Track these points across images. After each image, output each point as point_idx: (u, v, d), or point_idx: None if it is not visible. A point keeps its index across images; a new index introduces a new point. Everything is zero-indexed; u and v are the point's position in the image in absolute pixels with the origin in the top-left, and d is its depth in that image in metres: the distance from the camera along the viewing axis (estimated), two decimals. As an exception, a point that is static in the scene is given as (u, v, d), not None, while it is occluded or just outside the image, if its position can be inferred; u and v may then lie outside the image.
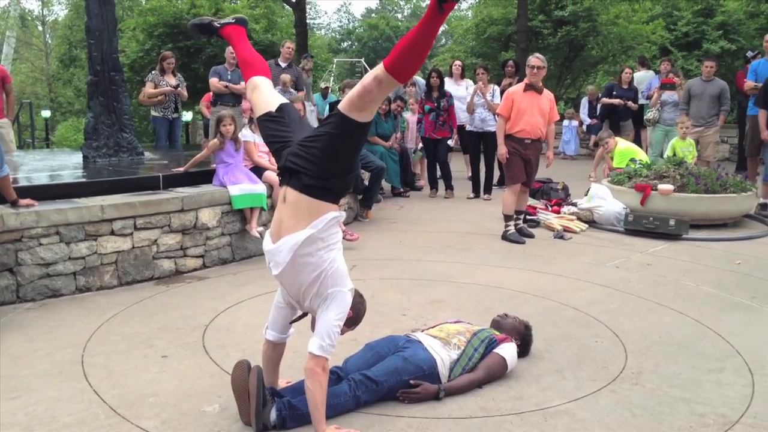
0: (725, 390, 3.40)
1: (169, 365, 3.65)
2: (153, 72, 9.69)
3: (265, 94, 3.18)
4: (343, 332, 2.97)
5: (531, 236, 6.89)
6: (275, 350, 3.22)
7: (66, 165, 6.90)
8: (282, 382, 3.29)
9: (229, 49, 9.95)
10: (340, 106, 2.76)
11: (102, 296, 4.87)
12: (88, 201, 5.06)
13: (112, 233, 5.03)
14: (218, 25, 3.50)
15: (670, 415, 3.13)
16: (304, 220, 2.78)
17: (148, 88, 9.45)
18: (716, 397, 3.31)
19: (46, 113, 20.00)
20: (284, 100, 3.18)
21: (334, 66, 23.94)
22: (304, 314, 3.12)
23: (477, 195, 9.38)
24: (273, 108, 3.09)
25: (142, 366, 3.63)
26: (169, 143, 9.56)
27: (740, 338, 4.10)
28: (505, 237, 6.78)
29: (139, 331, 4.14)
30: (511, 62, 10.65)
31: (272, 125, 3.06)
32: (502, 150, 6.71)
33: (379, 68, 2.66)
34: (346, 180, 2.90)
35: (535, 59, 6.63)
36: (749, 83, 9.21)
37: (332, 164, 2.78)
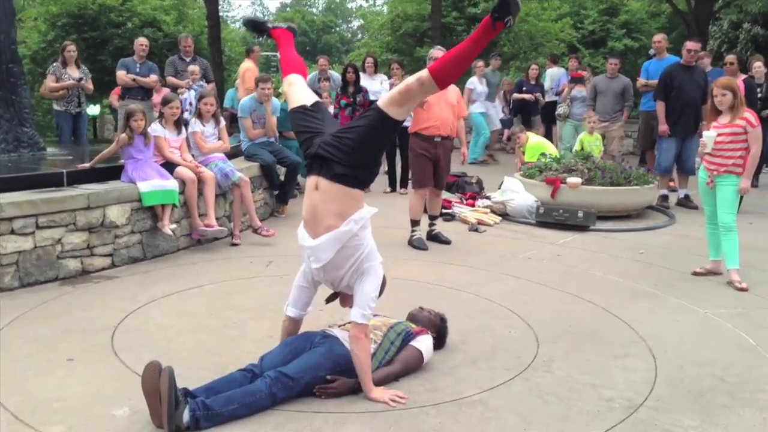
0: (630, 375, 3.54)
1: (76, 369, 3.50)
2: (54, 64, 9.18)
3: (300, 90, 3.51)
4: None
5: (447, 242, 6.46)
6: (295, 325, 3.55)
7: (-39, 161, 6.52)
8: None
9: (139, 41, 9.63)
10: (378, 103, 3.11)
11: (2, 299, 4.61)
12: (-14, 199, 4.79)
13: (12, 232, 4.77)
14: (270, 26, 3.88)
15: (579, 400, 3.24)
16: (336, 205, 3.11)
17: (50, 82, 8.99)
18: (622, 382, 3.45)
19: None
20: (318, 98, 3.52)
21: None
22: (336, 294, 3.54)
23: (393, 189, 9.43)
24: (308, 102, 3.41)
25: (46, 370, 3.47)
26: (74, 138, 9.14)
27: (644, 325, 4.29)
28: (410, 243, 6.33)
29: (43, 335, 3.95)
30: (396, 64, 10.69)
31: (306, 117, 3.36)
32: None
33: (424, 72, 3.03)
34: (372, 171, 3.29)
35: (438, 51, 6.29)
36: (641, 81, 9.64)
37: (362, 155, 3.10)
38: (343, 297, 3.54)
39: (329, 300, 3.64)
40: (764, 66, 9.35)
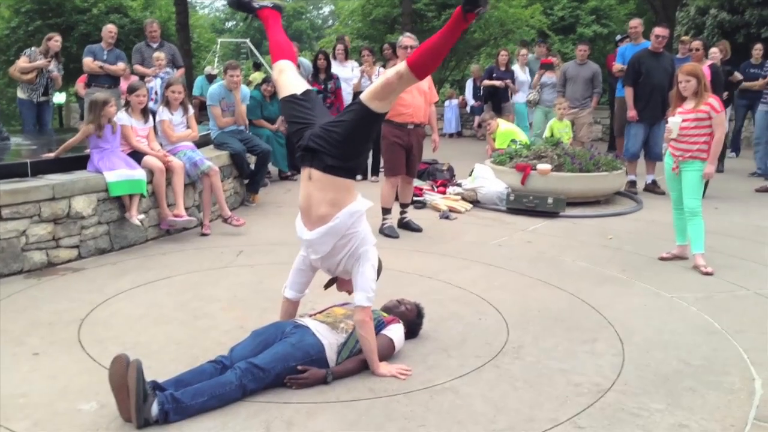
0: (598, 360, 3.59)
1: (41, 363, 3.45)
2: (33, 48, 8.99)
3: (291, 77, 3.53)
4: None
5: (419, 230, 6.47)
6: (293, 306, 3.66)
7: None
8: None
9: (108, 27, 9.43)
10: (361, 97, 3.19)
11: (-35, 292, 4.53)
12: (-54, 190, 4.68)
13: (-25, 224, 4.68)
14: (257, 6, 3.84)
15: (549, 385, 3.27)
16: (329, 193, 3.23)
17: (21, 62, 8.78)
18: (590, 367, 3.49)
19: None
20: (308, 86, 3.54)
21: (218, 47, 23.24)
22: (334, 279, 3.60)
23: (364, 177, 9.40)
24: (298, 91, 3.44)
25: (10, 365, 3.41)
26: (39, 128, 8.95)
27: (611, 310, 4.35)
28: (381, 231, 6.24)
29: (7, 329, 3.88)
30: (387, 45, 10.73)
31: (296, 106, 3.41)
32: None
33: (402, 65, 3.10)
34: (360, 161, 3.44)
35: (407, 39, 6.21)
36: (617, 66, 9.70)
37: (350, 148, 3.20)
38: (340, 282, 3.60)
39: (327, 286, 3.70)
40: (725, 53, 9.50)
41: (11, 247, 4.88)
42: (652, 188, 8.59)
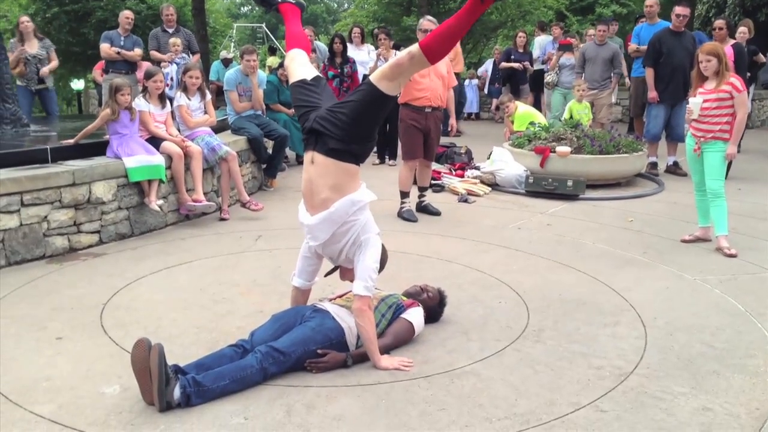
0: (620, 343, 3.56)
1: (65, 347, 3.48)
2: (11, 40, 8.94)
3: (302, 64, 3.52)
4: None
5: (437, 214, 6.44)
6: (303, 295, 3.64)
7: (-58, 139, 6.41)
8: None
9: (125, 13, 9.44)
10: (371, 77, 3.12)
11: (-12, 278, 4.58)
12: (-32, 177, 4.72)
13: (-3, 210, 4.72)
14: (279, 1, 3.82)
15: (570, 369, 3.25)
16: (331, 178, 3.16)
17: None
18: (612, 350, 3.46)
19: None
20: (319, 74, 3.52)
21: (234, 31, 23.24)
22: (336, 267, 3.54)
23: (382, 161, 9.39)
24: (308, 77, 3.42)
25: (34, 350, 3.44)
26: (46, 116, 8.91)
27: (633, 293, 4.31)
28: (399, 215, 6.30)
29: (31, 313, 3.92)
30: (377, 29, 10.50)
31: (305, 91, 3.37)
32: None
33: (414, 46, 3.03)
34: (366, 146, 3.28)
35: (427, 22, 6.21)
36: (632, 46, 9.56)
37: (355, 129, 3.12)
38: (342, 270, 3.54)
39: (328, 274, 3.66)
40: (749, 32, 9.29)
41: (33, 232, 4.92)
42: (674, 170, 8.49)
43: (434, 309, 3.76)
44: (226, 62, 11.78)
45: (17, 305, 4.06)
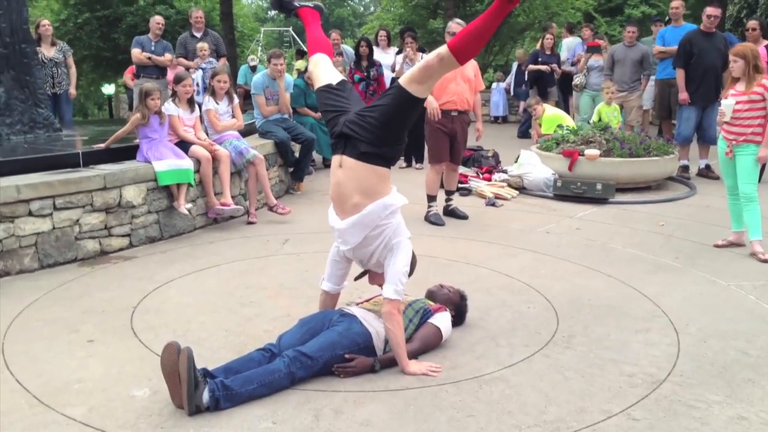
0: (652, 350, 3.50)
1: (96, 350, 3.52)
2: None
3: (326, 69, 3.52)
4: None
5: (464, 217, 6.42)
6: (332, 299, 3.62)
7: (-23, 143, 6.54)
8: None
9: (155, 19, 9.56)
10: (400, 80, 3.10)
11: (22, 280, 4.65)
12: (3, 181, 4.79)
13: (30, 214, 4.79)
14: (297, 5, 3.88)
15: (601, 376, 3.20)
16: (362, 183, 3.15)
17: None
18: (644, 357, 3.41)
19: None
20: (343, 78, 3.53)
21: (262, 35, 23.39)
22: (366, 271, 3.54)
23: (409, 164, 9.38)
24: (334, 81, 3.42)
25: (66, 352, 3.49)
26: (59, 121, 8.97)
27: (665, 298, 4.24)
28: (427, 218, 6.28)
29: (63, 316, 3.97)
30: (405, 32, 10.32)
31: (331, 96, 3.38)
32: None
33: (443, 48, 3.02)
34: (397, 149, 3.25)
35: (456, 25, 6.15)
36: (657, 48, 9.43)
37: (386, 133, 3.11)
38: (371, 275, 3.53)
39: (358, 278, 3.66)
40: None
41: (65, 235, 4.99)
42: (706, 173, 8.36)
43: (458, 304, 3.74)
44: (253, 68, 11.86)
45: (50, 308, 4.12)
